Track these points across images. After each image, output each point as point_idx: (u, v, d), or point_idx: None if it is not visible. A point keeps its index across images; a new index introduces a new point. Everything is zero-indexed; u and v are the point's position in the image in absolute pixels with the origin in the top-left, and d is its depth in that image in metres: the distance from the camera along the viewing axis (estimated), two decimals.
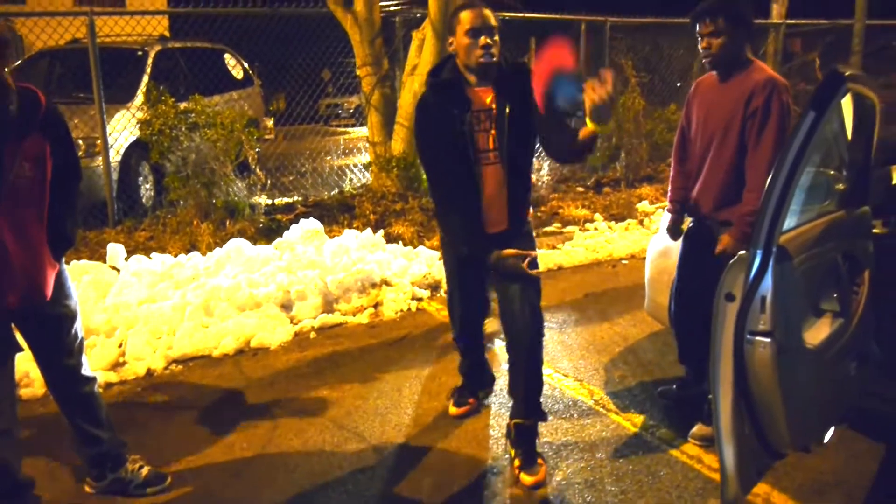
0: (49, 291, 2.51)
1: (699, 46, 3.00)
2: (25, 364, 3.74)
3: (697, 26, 2.98)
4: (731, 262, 2.19)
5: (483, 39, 2.73)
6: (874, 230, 2.89)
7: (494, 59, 2.78)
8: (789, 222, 2.22)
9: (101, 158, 6.21)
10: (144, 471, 2.92)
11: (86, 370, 2.77)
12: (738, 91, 2.92)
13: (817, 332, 2.34)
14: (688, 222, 3.31)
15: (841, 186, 2.71)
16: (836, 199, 2.70)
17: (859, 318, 2.55)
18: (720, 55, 2.94)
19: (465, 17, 2.76)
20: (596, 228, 6.97)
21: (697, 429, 3.21)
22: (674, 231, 3.37)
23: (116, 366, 4.08)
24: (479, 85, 2.84)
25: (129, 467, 2.90)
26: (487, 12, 2.78)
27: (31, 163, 2.33)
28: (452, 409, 3.53)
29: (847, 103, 2.42)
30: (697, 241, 3.19)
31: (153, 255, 5.18)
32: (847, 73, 2.08)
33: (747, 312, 2.11)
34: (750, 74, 2.92)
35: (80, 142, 6.22)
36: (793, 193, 2.06)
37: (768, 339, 2.10)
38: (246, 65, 9.31)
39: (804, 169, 2.06)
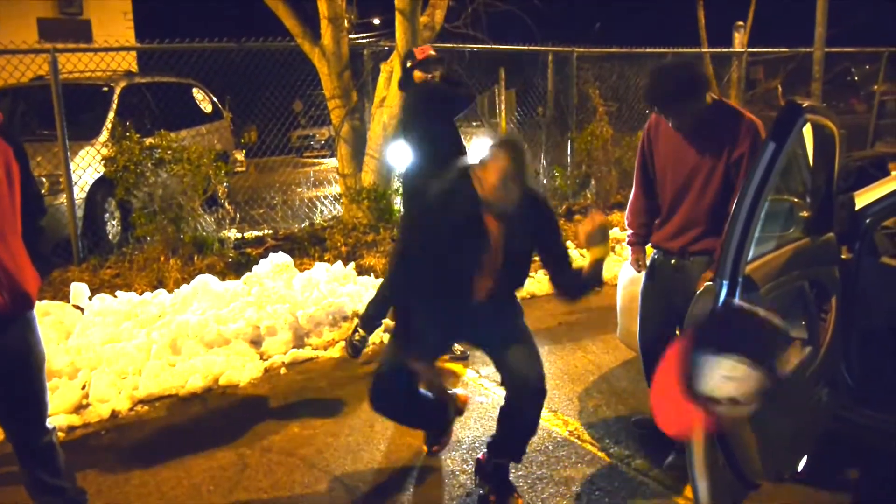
0: (34, 297, 2.47)
1: (668, 122, 3.00)
2: None
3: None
4: (699, 293, 2.18)
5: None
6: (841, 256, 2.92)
7: None
8: (754, 251, 2.22)
9: (64, 196, 6.11)
10: None
11: (47, 421, 2.68)
12: (715, 137, 2.91)
13: (787, 361, 2.34)
14: (650, 253, 3.32)
15: (805, 214, 2.73)
16: (800, 227, 2.72)
17: (828, 345, 2.56)
18: (693, 123, 2.94)
19: (503, 161, 2.70)
20: None
21: (673, 459, 3.19)
22: (640, 263, 3.39)
23: (80, 408, 3.96)
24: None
25: None
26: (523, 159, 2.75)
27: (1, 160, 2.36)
28: (425, 448, 3.46)
29: (808, 132, 2.46)
30: (661, 273, 3.18)
31: (118, 293, 5.08)
32: (805, 105, 2.11)
33: None
34: (724, 118, 2.93)
35: (44, 179, 6.11)
36: (756, 223, 2.06)
37: None
38: (215, 98, 9.27)
39: (766, 199, 2.08)
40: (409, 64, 4.49)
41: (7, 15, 12.78)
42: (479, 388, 4.19)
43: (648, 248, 3.34)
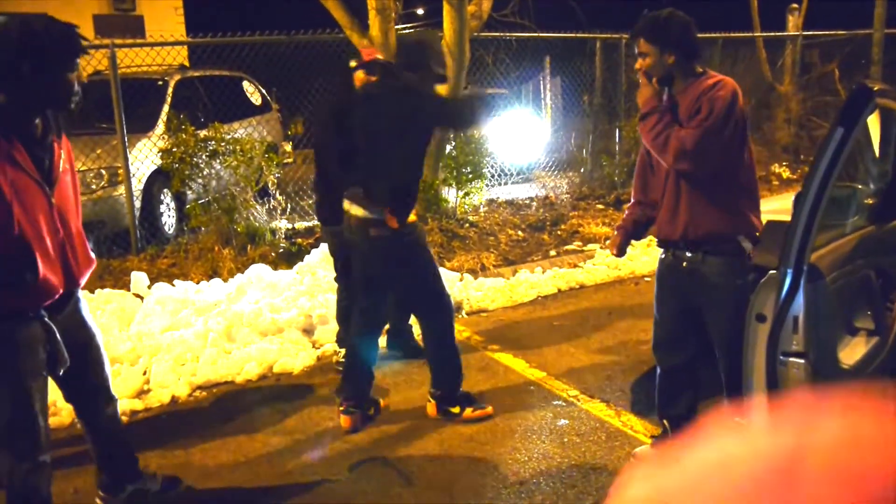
0: (82, 278, 2.61)
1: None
2: (52, 393, 3.76)
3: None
4: (762, 281, 2.14)
5: None
6: None
7: None
8: (819, 239, 2.18)
9: (123, 187, 6.28)
10: (159, 477, 3.04)
11: (110, 390, 2.82)
12: (686, 104, 2.71)
13: (853, 352, 2.29)
14: (660, 254, 3.06)
15: (870, 201, 2.66)
16: (865, 214, 2.65)
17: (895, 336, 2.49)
18: (646, 75, 2.78)
19: None
20: None
21: None
22: (619, 248, 3.05)
23: (141, 393, 4.09)
24: None
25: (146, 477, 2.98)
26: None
27: (67, 156, 2.53)
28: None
29: (873, 117, 2.39)
30: (672, 276, 2.92)
31: (176, 282, 5.21)
32: (875, 88, 2.05)
33: (779, 333, 2.06)
34: (698, 86, 2.70)
35: (104, 171, 6.30)
36: (823, 211, 2.02)
37: (802, 360, 2.06)
38: (264, 91, 9.40)
39: (833, 186, 2.03)
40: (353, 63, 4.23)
41: (64, 12, 13.09)
42: (539, 385, 4.19)
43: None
